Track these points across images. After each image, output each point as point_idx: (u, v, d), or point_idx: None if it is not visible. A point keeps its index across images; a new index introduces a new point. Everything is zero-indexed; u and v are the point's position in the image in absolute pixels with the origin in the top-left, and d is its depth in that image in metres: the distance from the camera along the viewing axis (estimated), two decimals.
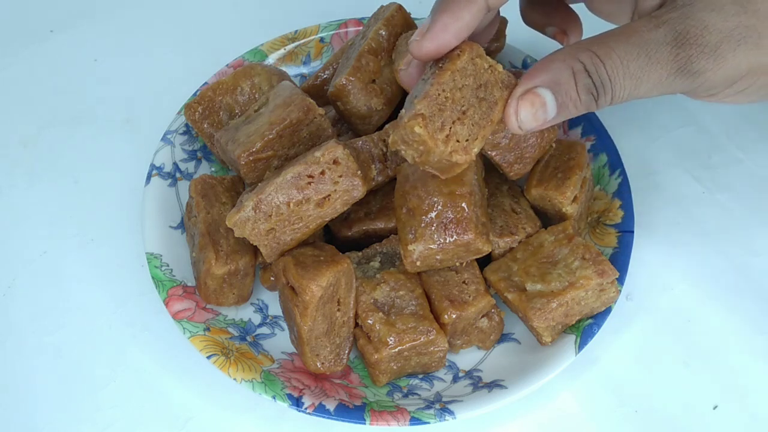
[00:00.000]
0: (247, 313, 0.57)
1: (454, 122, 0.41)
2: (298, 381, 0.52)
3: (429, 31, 0.41)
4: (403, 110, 0.42)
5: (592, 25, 0.53)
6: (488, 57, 0.43)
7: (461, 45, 0.42)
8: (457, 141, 0.41)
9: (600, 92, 0.41)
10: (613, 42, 0.41)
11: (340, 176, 0.49)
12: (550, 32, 0.54)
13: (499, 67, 0.43)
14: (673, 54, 0.40)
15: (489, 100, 0.42)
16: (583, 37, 0.53)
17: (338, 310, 0.51)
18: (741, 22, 0.41)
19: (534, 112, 0.41)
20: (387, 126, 0.57)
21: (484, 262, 0.55)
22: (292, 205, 0.49)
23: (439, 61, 0.42)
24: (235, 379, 0.51)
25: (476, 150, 0.42)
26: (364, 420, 0.50)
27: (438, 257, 0.51)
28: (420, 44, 0.41)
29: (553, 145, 0.59)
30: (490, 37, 0.51)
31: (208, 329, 0.54)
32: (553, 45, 0.74)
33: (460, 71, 0.41)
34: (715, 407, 0.54)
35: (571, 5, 0.54)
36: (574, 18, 0.54)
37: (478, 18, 0.41)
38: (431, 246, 0.49)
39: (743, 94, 0.44)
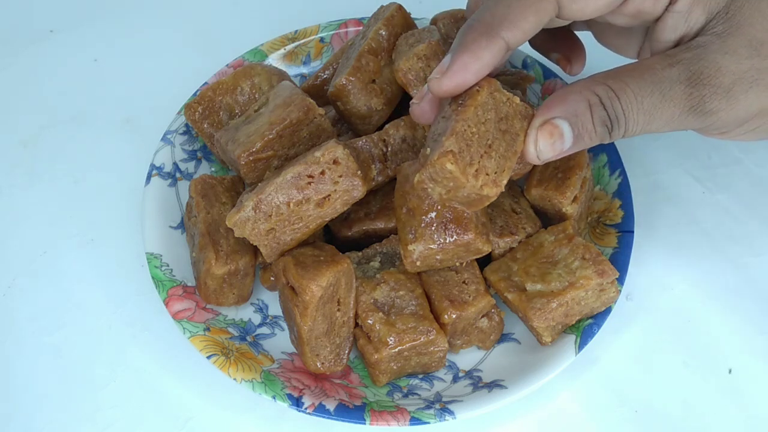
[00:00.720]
0: (247, 313, 0.57)
1: (481, 156, 0.42)
2: (298, 381, 0.52)
3: (449, 69, 0.42)
4: (425, 149, 0.43)
5: (597, 53, 0.54)
6: (504, 90, 0.43)
7: (479, 81, 0.42)
8: (486, 174, 0.42)
9: (614, 125, 0.42)
10: (628, 77, 0.42)
11: (340, 176, 0.49)
12: (554, 58, 0.55)
13: (516, 99, 0.43)
14: (686, 93, 0.42)
15: (511, 132, 0.43)
16: (587, 65, 0.55)
17: (338, 310, 0.51)
18: (754, 65, 0.42)
19: (552, 142, 0.42)
20: (387, 126, 0.57)
21: (484, 262, 0.55)
22: (292, 205, 0.49)
23: (459, 98, 0.42)
24: (235, 379, 0.51)
25: (504, 181, 0.43)
26: (364, 420, 0.50)
27: (438, 257, 0.51)
28: (440, 82, 0.42)
29: None
30: (501, 67, 0.52)
31: (208, 329, 0.54)
32: None
33: (482, 106, 0.42)
34: (714, 406, 0.54)
35: (576, 32, 0.54)
36: (579, 46, 0.55)
37: (498, 58, 0.42)
38: (431, 246, 0.49)
39: (753, 133, 0.45)
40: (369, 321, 0.51)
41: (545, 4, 0.42)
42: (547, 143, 0.42)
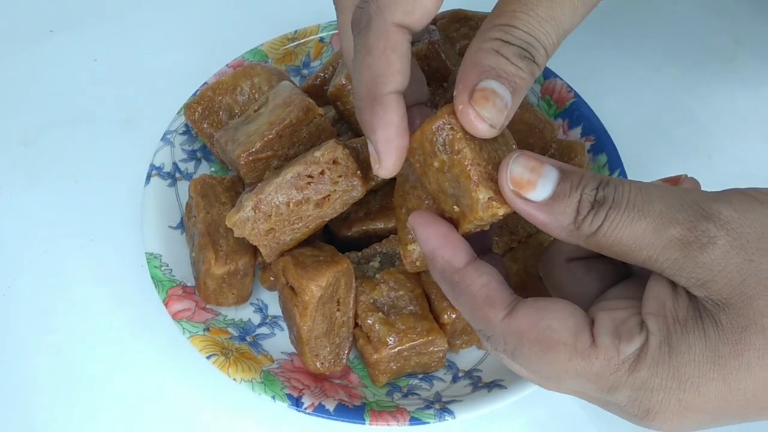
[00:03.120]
0: (246, 313, 0.57)
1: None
2: (298, 381, 0.52)
3: (379, 157, 0.39)
4: (451, 206, 0.38)
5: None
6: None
7: (431, 120, 0.38)
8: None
9: (531, 50, 0.37)
10: (513, 4, 0.37)
11: (340, 176, 0.49)
12: None
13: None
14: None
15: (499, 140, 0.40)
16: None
17: (338, 310, 0.51)
18: None
19: (493, 103, 0.36)
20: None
21: None
22: (291, 205, 0.49)
23: (443, 147, 0.38)
24: (234, 379, 0.51)
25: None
26: (364, 420, 0.50)
27: None
28: (383, 170, 0.39)
29: (553, 145, 0.59)
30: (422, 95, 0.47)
31: (207, 329, 0.54)
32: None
33: (463, 130, 0.38)
34: None
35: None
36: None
37: (400, 104, 0.38)
38: None
39: None
40: (368, 321, 0.51)
41: (395, 36, 0.38)
42: (488, 108, 0.36)
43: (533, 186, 0.35)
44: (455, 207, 0.38)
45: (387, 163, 0.39)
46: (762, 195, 0.34)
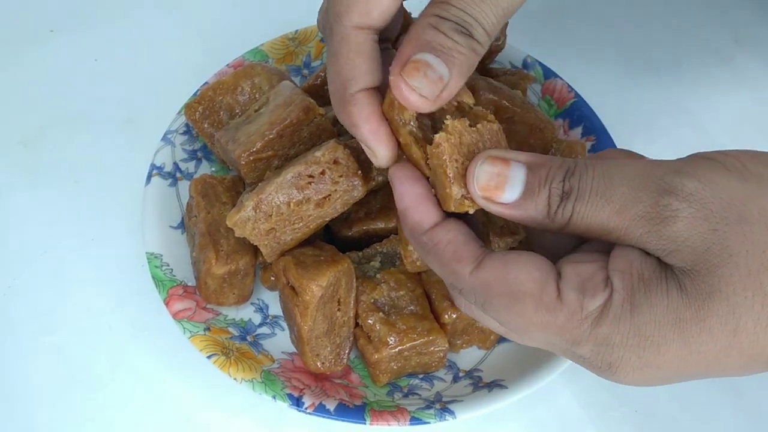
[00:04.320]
0: (247, 312, 0.57)
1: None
2: (299, 381, 0.52)
3: (371, 151, 0.40)
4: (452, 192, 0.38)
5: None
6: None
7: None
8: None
9: (469, 27, 0.37)
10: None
11: (341, 176, 0.49)
12: None
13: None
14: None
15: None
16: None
17: (338, 309, 0.51)
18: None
19: (424, 75, 0.36)
20: None
21: None
22: (292, 204, 0.49)
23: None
24: (235, 378, 0.51)
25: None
26: (365, 420, 0.50)
27: None
28: (379, 159, 0.40)
29: (554, 145, 0.59)
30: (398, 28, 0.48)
31: (208, 329, 0.54)
32: (554, 45, 0.75)
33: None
34: (715, 406, 0.54)
35: None
36: None
37: (373, 98, 0.39)
38: None
39: None
40: (369, 321, 0.51)
41: (357, 39, 0.39)
42: (419, 78, 0.36)
43: (501, 190, 0.36)
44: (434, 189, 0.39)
45: (380, 152, 0.40)
46: (729, 159, 0.34)
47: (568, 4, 0.78)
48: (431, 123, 0.41)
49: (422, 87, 0.36)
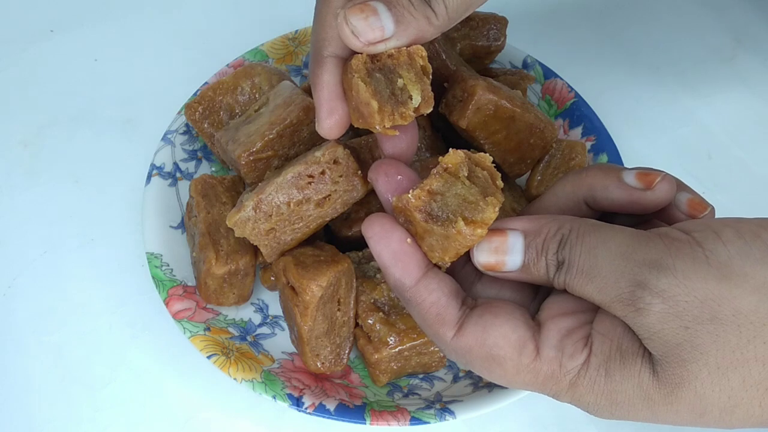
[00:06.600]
0: (247, 312, 0.57)
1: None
2: (299, 381, 0.52)
3: (318, 114, 0.41)
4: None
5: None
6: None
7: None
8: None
9: None
10: None
11: (341, 176, 0.49)
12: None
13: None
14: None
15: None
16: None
17: (338, 310, 0.51)
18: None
19: (365, 17, 0.37)
20: None
21: None
22: (292, 204, 0.49)
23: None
24: (235, 379, 0.51)
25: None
26: (365, 420, 0.50)
27: None
28: (321, 128, 0.41)
29: (554, 145, 0.59)
30: None
31: (208, 329, 0.54)
32: (554, 45, 0.74)
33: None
34: None
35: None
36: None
37: (335, 69, 0.41)
38: None
39: None
40: (369, 321, 0.51)
41: (340, 2, 0.40)
42: (357, 18, 0.37)
43: (503, 264, 0.37)
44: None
45: (325, 123, 0.41)
46: (718, 248, 0.34)
47: (568, 4, 0.79)
48: (383, 77, 0.40)
49: (358, 26, 0.37)
